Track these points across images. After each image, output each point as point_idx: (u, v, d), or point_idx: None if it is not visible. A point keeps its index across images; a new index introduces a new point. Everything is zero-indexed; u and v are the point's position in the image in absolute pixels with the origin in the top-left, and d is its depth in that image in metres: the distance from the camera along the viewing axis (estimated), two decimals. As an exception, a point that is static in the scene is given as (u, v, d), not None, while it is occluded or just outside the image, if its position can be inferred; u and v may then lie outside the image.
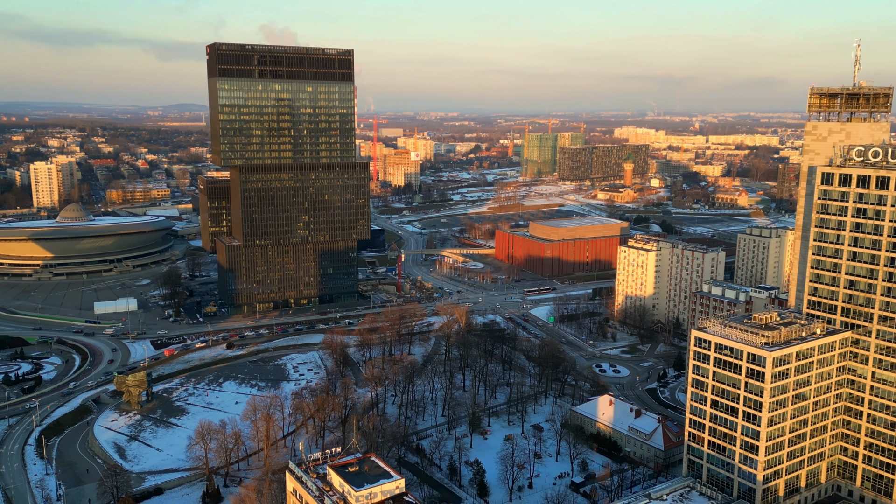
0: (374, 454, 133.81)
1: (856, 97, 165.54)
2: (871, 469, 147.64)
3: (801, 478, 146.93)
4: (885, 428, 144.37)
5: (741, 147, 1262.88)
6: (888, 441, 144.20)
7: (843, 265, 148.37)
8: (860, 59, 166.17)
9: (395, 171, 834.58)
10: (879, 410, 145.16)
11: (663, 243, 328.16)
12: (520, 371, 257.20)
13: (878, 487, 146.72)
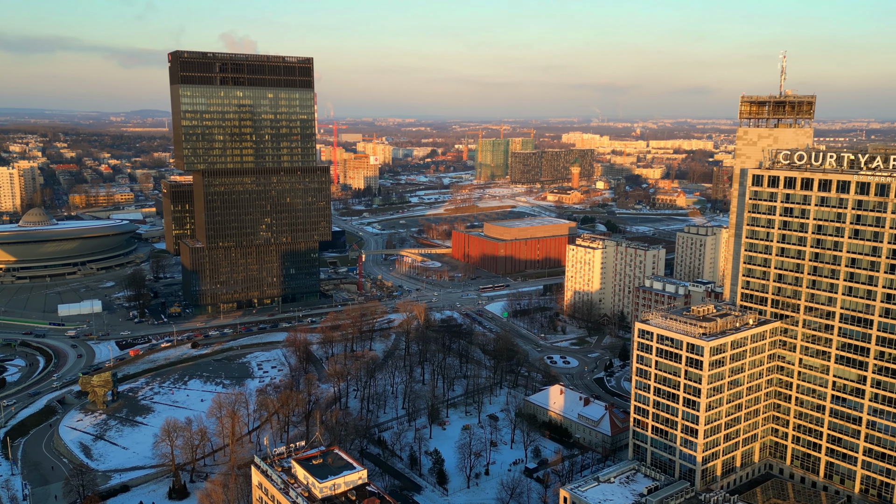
0: (337, 447, 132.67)
1: (782, 105, 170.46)
2: (800, 448, 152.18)
3: (737, 458, 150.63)
4: (812, 410, 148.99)
5: (679, 151, 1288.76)
6: (814, 422, 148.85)
7: (773, 260, 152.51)
8: (786, 70, 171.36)
9: (355, 175, 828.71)
10: (806, 394, 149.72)
11: (608, 242, 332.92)
12: (476, 364, 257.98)
13: (806, 465, 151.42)
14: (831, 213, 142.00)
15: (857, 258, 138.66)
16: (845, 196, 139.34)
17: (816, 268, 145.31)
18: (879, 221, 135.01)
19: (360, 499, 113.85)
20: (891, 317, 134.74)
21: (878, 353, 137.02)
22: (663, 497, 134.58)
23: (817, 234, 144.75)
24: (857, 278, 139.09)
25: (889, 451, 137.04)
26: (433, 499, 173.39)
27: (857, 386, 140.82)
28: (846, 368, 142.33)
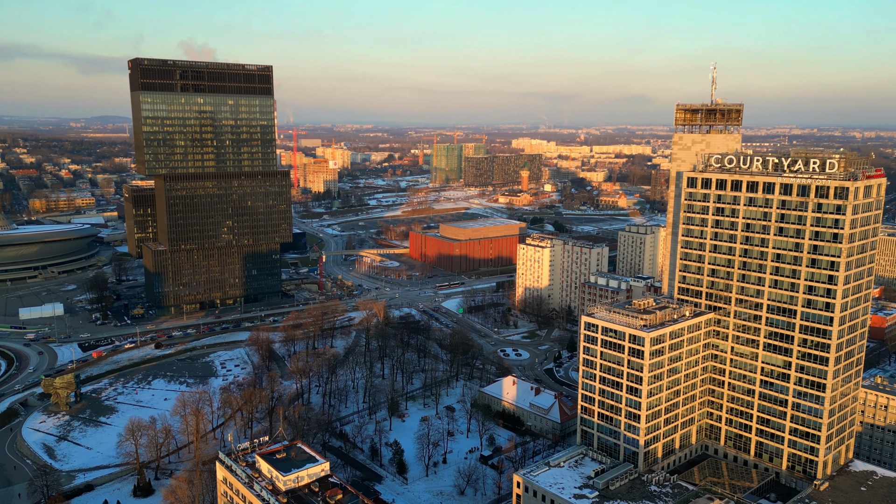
0: (300, 441, 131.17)
1: (713, 112, 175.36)
2: (733, 430, 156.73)
3: (676, 440, 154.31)
4: (743, 394, 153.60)
5: (620, 156, 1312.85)
6: (745, 405, 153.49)
7: (707, 256, 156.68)
8: (716, 80, 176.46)
9: (315, 179, 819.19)
10: (738, 380, 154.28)
11: (556, 241, 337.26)
12: (434, 358, 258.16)
13: (738, 445, 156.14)
14: (758, 212, 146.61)
15: (782, 254, 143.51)
16: (771, 196, 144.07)
17: (746, 263, 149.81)
18: (801, 220, 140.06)
19: (322, 490, 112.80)
20: (812, 307, 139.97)
21: (801, 341, 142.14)
22: (609, 479, 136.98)
23: (746, 231, 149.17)
24: (781, 272, 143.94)
25: (812, 430, 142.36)
26: (393, 487, 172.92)
27: (783, 371, 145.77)
28: (773, 355, 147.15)
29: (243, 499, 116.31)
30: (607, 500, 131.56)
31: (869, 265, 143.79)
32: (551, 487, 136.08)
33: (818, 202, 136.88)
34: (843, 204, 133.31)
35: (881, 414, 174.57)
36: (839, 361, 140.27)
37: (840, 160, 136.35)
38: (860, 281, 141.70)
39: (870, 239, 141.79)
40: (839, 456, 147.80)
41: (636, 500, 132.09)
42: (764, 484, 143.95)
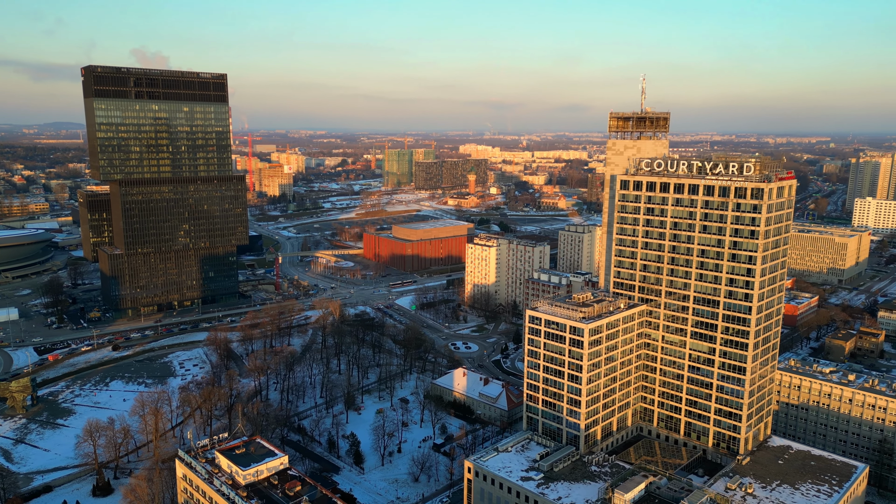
0: (259, 436, 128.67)
1: (643, 120, 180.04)
2: (664, 412, 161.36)
3: (613, 423, 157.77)
4: (673, 379, 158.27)
5: (559, 160, 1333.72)
6: (675, 389, 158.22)
7: (639, 253, 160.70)
8: (646, 90, 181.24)
9: (270, 183, 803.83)
10: (668, 366, 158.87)
11: (502, 240, 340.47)
12: (388, 353, 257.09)
13: (670, 426, 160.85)
14: (684, 211, 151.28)
15: (706, 249, 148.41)
16: (695, 197, 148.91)
17: (674, 258, 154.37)
18: (722, 218, 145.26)
19: (282, 483, 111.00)
20: (733, 298, 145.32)
21: (724, 329, 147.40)
22: (553, 461, 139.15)
23: (673, 230, 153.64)
24: (705, 266, 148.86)
25: (734, 410, 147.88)
26: (351, 477, 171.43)
27: (708, 357, 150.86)
28: (699, 342, 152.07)
29: (203, 494, 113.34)
30: (552, 481, 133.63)
31: (782, 259, 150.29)
32: (500, 471, 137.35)
33: (737, 202, 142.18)
34: (759, 203, 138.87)
35: (795, 393, 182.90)
36: (757, 347, 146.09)
37: (756, 164, 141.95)
38: (775, 273, 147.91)
39: (783, 235, 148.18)
40: (759, 433, 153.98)
41: (578, 480, 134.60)
42: (693, 461, 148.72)
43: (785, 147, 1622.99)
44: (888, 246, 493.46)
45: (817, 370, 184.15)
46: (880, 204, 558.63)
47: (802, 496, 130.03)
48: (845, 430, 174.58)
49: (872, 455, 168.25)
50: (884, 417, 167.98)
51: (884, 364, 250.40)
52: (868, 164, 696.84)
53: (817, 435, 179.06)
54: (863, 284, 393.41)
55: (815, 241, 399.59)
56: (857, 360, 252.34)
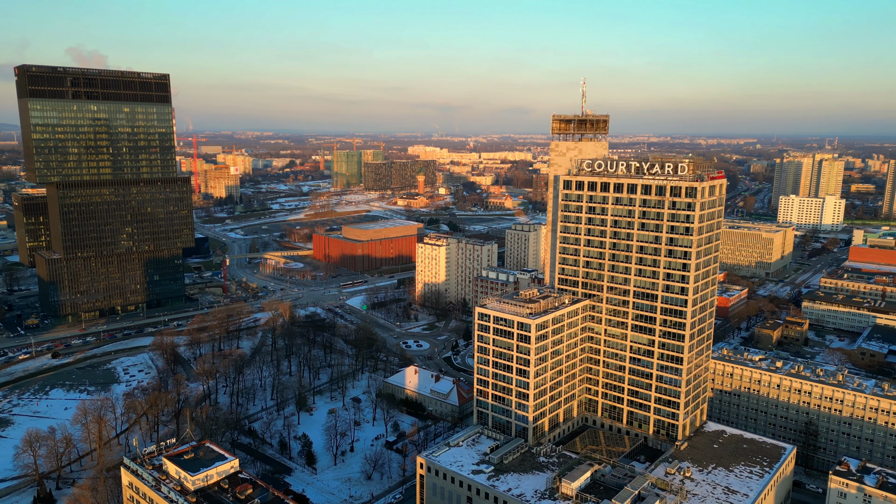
0: (208, 441, 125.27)
1: (584, 122, 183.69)
2: (608, 402, 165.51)
3: (560, 415, 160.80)
4: (615, 370, 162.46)
5: (505, 161, 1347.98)
6: (617, 380, 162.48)
7: (581, 250, 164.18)
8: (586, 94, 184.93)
9: (217, 185, 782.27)
10: (611, 358, 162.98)
11: (451, 240, 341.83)
12: (339, 353, 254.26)
13: (613, 415, 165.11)
14: (623, 210, 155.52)
15: (644, 246, 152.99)
16: (633, 196, 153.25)
17: (614, 255, 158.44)
18: (659, 216, 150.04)
19: (232, 486, 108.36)
20: (670, 292, 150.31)
21: (662, 321, 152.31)
22: (503, 454, 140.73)
23: (614, 227, 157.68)
24: (644, 262, 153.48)
25: (673, 399, 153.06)
26: (303, 478, 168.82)
27: (648, 348, 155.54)
28: (639, 335, 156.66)
29: (151, 502, 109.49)
30: (502, 473, 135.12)
31: (715, 254, 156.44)
32: (452, 466, 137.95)
33: (672, 200, 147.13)
34: (693, 202, 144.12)
35: (728, 381, 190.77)
36: (693, 338, 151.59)
37: (689, 164, 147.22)
38: (708, 267, 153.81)
39: (715, 231, 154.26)
40: (695, 419, 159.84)
41: (527, 470, 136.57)
42: (635, 448, 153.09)
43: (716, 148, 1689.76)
44: (810, 240, 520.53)
45: (748, 358, 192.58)
46: (803, 201, 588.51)
47: (736, 477, 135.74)
48: (774, 413, 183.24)
49: (799, 437, 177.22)
50: (809, 401, 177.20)
51: (808, 351, 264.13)
52: (791, 163, 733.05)
53: (749, 419, 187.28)
54: (788, 277, 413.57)
55: (744, 237, 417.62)
56: (784, 347, 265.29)
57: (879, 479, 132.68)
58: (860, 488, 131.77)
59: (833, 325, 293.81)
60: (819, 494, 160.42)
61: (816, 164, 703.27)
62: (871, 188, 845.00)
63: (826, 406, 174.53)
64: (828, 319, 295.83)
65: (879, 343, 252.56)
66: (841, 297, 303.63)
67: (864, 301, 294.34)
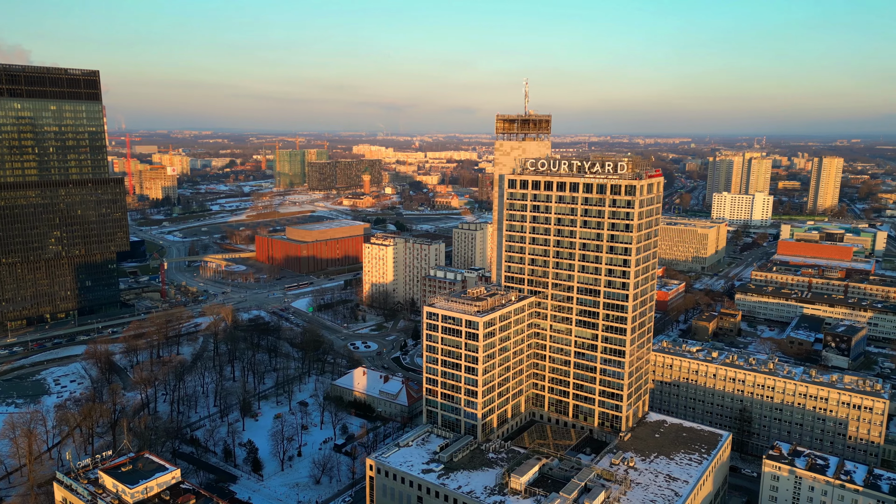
0: (147, 451, 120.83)
1: (527, 122, 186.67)
2: (554, 397, 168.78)
3: (508, 411, 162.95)
4: (561, 365, 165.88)
5: (451, 161, 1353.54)
6: (563, 374, 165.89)
7: (527, 248, 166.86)
8: (529, 94, 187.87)
9: (152, 186, 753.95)
10: (556, 353, 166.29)
11: (398, 239, 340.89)
12: (285, 357, 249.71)
13: (559, 409, 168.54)
14: (566, 208, 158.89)
15: (587, 243, 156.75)
16: (576, 194, 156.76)
17: (558, 252, 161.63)
18: (600, 213, 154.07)
19: (174, 497, 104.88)
20: (612, 287, 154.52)
21: (605, 316, 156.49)
22: (453, 451, 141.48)
23: (557, 225, 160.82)
24: (587, 259, 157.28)
25: (616, 391, 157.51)
26: (249, 486, 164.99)
27: (592, 343, 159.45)
28: (583, 330, 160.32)
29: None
30: (452, 471, 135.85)
31: (654, 249, 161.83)
32: (402, 466, 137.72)
33: (613, 198, 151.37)
34: (632, 199, 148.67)
35: (668, 372, 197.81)
36: (634, 331, 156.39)
37: (628, 163, 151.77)
38: (648, 263, 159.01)
39: (653, 228, 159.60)
40: (638, 410, 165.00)
41: (477, 467, 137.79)
42: (581, 440, 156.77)
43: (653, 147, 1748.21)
44: (742, 235, 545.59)
45: (686, 350, 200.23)
46: (734, 198, 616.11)
47: (677, 465, 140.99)
48: (711, 402, 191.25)
49: (735, 423, 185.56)
50: (743, 389, 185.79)
51: (741, 341, 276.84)
52: (723, 162, 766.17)
53: (688, 408, 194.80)
54: (722, 270, 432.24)
55: (680, 233, 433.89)
56: (719, 338, 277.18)
57: (809, 461, 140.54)
58: (791, 471, 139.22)
59: (764, 315, 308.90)
60: (754, 478, 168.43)
61: (746, 163, 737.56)
62: (796, 185, 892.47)
63: (759, 393, 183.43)
64: (759, 310, 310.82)
65: (807, 332, 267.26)
66: (770, 289, 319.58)
67: (792, 292, 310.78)
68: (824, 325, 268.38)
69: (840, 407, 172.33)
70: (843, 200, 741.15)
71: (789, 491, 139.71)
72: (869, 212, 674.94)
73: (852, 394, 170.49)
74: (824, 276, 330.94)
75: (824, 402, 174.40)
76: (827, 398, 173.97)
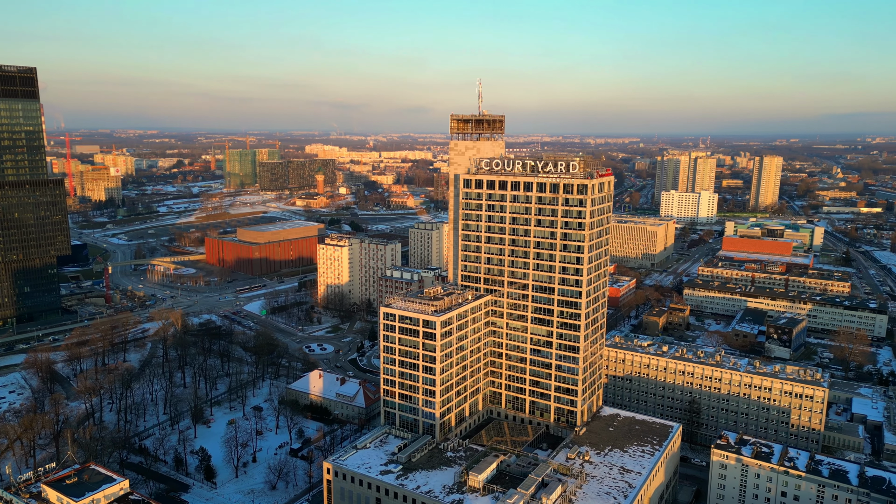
0: (93, 463, 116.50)
1: (481, 122, 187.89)
2: (511, 394, 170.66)
3: (466, 409, 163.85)
4: (517, 362, 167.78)
5: (406, 160, 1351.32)
6: (519, 371, 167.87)
7: (483, 247, 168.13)
8: (482, 94, 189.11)
9: (95, 187, 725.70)
10: (512, 350, 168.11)
11: (353, 240, 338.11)
12: (238, 361, 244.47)
13: (516, 406, 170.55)
14: (521, 207, 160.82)
15: (541, 241, 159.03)
16: (530, 194, 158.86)
17: (513, 251, 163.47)
18: (553, 212, 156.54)
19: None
20: (565, 284, 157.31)
21: (559, 313, 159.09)
22: (411, 452, 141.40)
23: (512, 224, 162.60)
24: (541, 257, 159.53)
25: (571, 386, 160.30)
26: (202, 494, 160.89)
27: (547, 339, 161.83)
28: (539, 327, 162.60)
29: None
30: (410, 472, 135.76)
31: (605, 247, 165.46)
32: (359, 468, 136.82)
33: (565, 197, 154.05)
34: (584, 198, 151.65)
35: (620, 366, 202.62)
36: (588, 328, 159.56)
37: (580, 162, 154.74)
38: (600, 260, 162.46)
39: (605, 226, 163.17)
40: (592, 405, 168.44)
41: (435, 467, 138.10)
42: (537, 436, 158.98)
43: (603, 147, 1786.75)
44: (689, 232, 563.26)
45: (637, 344, 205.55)
46: (682, 196, 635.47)
47: (630, 457, 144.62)
48: (662, 395, 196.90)
49: (685, 415, 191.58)
50: (692, 381, 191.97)
51: (690, 335, 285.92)
52: (671, 161, 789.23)
53: (640, 402, 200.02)
54: (671, 267, 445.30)
55: (631, 230, 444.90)
56: (669, 332, 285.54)
57: (755, 449, 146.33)
58: (738, 459, 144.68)
59: (711, 309, 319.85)
60: (703, 467, 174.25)
61: (692, 162, 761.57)
62: (739, 183, 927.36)
63: (707, 385, 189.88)
64: (706, 305, 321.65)
65: (751, 325, 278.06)
66: (716, 284, 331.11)
67: (737, 287, 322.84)
68: (767, 317, 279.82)
69: (783, 396, 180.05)
70: (783, 198, 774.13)
71: (737, 479, 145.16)
72: (807, 208, 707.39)
73: (794, 383, 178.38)
74: (766, 271, 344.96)
75: (768, 391, 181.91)
76: (770, 388, 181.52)
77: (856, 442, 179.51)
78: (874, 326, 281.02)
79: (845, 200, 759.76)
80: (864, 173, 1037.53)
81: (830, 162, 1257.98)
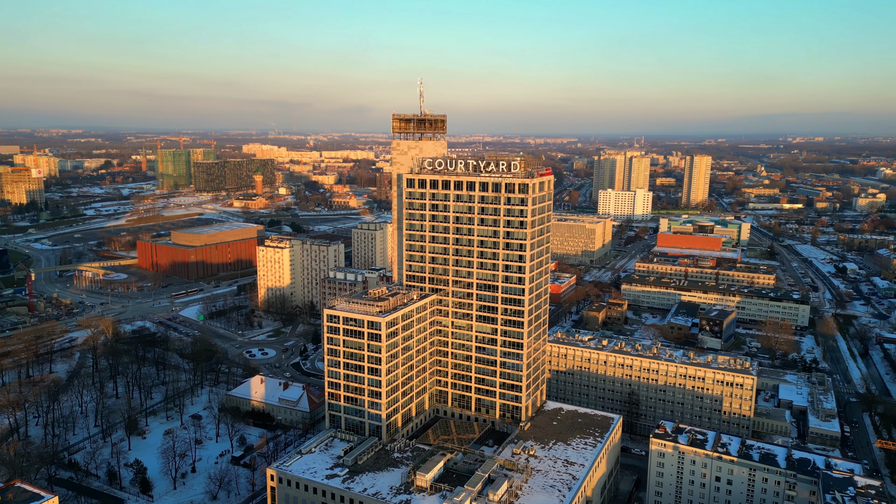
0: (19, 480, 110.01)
1: (423, 122, 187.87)
2: (457, 392, 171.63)
3: (413, 409, 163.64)
4: (463, 360, 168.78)
5: (348, 160, 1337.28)
6: (465, 370, 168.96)
7: (427, 246, 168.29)
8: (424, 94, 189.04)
9: (15, 189, 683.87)
10: (458, 349, 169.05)
11: (295, 241, 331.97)
12: (175, 369, 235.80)
13: (462, 404, 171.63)
14: (464, 206, 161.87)
15: (484, 240, 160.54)
16: (472, 193, 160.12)
17: (458, 250, 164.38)
18: (496, 211, 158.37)
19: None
20: (509, 282, 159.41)
21: (503, 311, 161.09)
22: (357, 454, 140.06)
23: (456, 223, 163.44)
24: (485, 255, 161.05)
25: (515, 382, 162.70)
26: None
27: (492, 337, 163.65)
28: (483, 325, 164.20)
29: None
30: (357, 474, 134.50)
31: (547, 245, 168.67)
32: (304, 473, 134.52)
33: (507, 196, 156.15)
34: (526, 197, 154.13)
35: (563, 361, 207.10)
36: (531, 324, 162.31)
37: (521, 162, 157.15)
38: (541, 258, 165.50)
39: (545, 224, 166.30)
40: (536, 400, 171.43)
41: (382, 468, 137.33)
42: (484, 433, 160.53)
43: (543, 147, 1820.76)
44: (626, 229, 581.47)
45: (578, 339, 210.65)
46: (618, 194, 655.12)
47: (574, 450, 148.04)
48: (603, 388, 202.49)
49: (625, 406, 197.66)
50: (630, 374, 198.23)
51: (628, 329, 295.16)
52: (607, 161, 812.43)
53: (582, 395, 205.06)
54: (609, 263, 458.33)
55: (570, 228, 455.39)
56: (609, 327, 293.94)
57: (690, 437, 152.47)
58: (675, 447, 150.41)
59: (647, 304, 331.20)
60: (643, 457, 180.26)
61: (628, 161, 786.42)
62: (672, 181, 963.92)
63: (644, 377, 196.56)
64: (643, 299, 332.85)
65: (685, 317, 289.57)
66: (652, 279, 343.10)
67: (671, 281, 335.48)
68: (699, 310, 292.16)
69: (715, 385, 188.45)
70: (713, 195, 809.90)
71: (674, 466, 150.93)
72: (735, 205, 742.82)
73: (725, 372, 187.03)
74: (698, 266, 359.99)
75: (702, 381, 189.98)
76: (704, 377, 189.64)
77: (783, 426, 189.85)
78: (797, 316, 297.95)
79: (769, 197, 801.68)
80: (787, 171, 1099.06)
81: (755, 161, 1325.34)
